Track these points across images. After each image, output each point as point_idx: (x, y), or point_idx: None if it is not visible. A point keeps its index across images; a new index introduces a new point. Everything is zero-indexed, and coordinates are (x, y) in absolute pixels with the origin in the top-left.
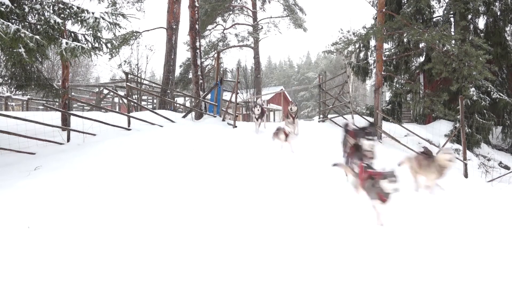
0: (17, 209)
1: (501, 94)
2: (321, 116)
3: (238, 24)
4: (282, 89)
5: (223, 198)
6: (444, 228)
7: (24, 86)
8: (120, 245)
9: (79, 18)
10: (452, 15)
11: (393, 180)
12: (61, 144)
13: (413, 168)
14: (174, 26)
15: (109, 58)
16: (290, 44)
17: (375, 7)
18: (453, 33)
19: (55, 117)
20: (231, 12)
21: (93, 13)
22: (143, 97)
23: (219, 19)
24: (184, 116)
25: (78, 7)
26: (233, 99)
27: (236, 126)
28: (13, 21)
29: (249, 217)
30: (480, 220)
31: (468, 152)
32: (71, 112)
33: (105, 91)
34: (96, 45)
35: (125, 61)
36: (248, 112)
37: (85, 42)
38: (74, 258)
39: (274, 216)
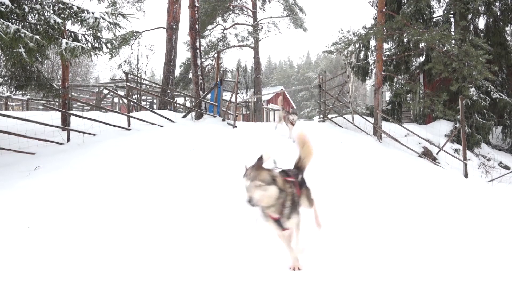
0: (17, 209)
1: (501, 94)
2: (321, 116)
3: (238, 24)
4: (282, 89)
5: (223, 198)
6: (444, 228)
7: (24, 86)
8: (120, 245)
9: (79, 18)
10: (452, 15)
11: None
12: (61, 144)
13: None
14: (174, 26)
15: (109, 58)
16: (290, 44)
17: (375, 7)
18: (453, 33)
19: (55, 117)
20: (231, 12)
21: (93, 13)
22: (143, 97)
23: (219, 19)
24: (184, 116)
25: (78, 7)
26: (233, 99)
27: (236, 126)
28: (13, 21)
29: (247, 217)
30: (480, 220)
31: (468, 152)
32: (71, 112)
33: (105, 91)
34: (96, 45)
35: (125, 61)
36: (248, 112)
37: (85, 42)
38: (74, 258)
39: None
